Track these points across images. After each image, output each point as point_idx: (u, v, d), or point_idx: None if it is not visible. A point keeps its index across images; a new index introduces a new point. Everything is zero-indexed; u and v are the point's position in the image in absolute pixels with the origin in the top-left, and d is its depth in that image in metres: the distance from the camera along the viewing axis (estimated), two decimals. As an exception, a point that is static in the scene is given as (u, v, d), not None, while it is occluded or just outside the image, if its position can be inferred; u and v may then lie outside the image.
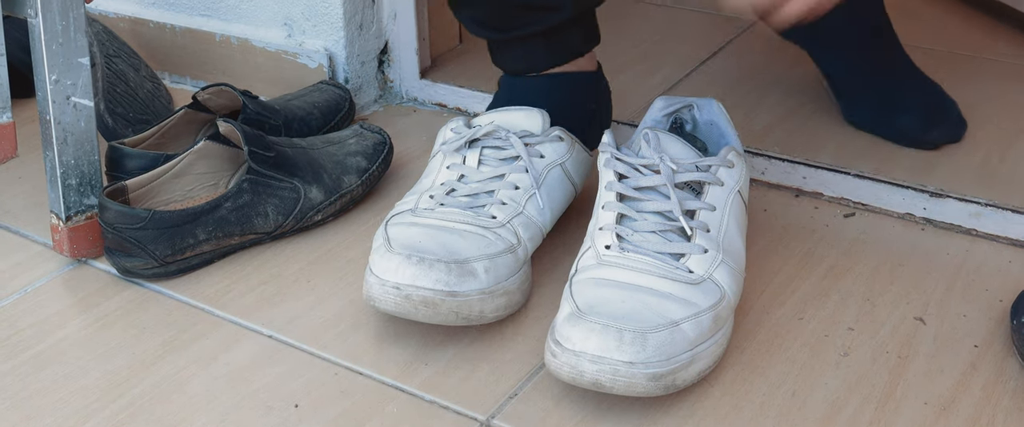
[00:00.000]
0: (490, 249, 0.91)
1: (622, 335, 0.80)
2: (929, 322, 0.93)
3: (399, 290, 0.87)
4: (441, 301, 0.87)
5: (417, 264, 0.87)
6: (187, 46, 1.42)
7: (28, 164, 1.20)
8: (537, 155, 1.00)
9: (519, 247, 0.94)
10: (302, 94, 1.26)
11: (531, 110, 1.03)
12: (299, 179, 1.06)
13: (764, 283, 0.99)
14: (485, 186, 0.96)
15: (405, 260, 0.87)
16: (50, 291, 1.01)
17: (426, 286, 0.87)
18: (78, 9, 0.99)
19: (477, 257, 0.90)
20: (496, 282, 0.90)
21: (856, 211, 1.10)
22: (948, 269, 1.01)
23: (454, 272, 0.88)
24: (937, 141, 1.18)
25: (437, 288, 0.87)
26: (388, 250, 0.89)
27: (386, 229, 0.93)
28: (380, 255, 0.89)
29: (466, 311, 0.88)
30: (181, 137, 1.16)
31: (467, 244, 0.91)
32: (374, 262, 0.90)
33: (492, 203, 0.95)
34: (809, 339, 0.91)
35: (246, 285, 1.00)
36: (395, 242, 0.90)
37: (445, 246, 0.90)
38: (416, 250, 0.88)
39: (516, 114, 1.02)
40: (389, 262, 0.88)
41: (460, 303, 0.88)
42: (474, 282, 0.89)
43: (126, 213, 0.98)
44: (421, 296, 0.87)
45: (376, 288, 0.88)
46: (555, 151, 1.01)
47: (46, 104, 0.99)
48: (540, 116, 1.02)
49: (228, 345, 0.93)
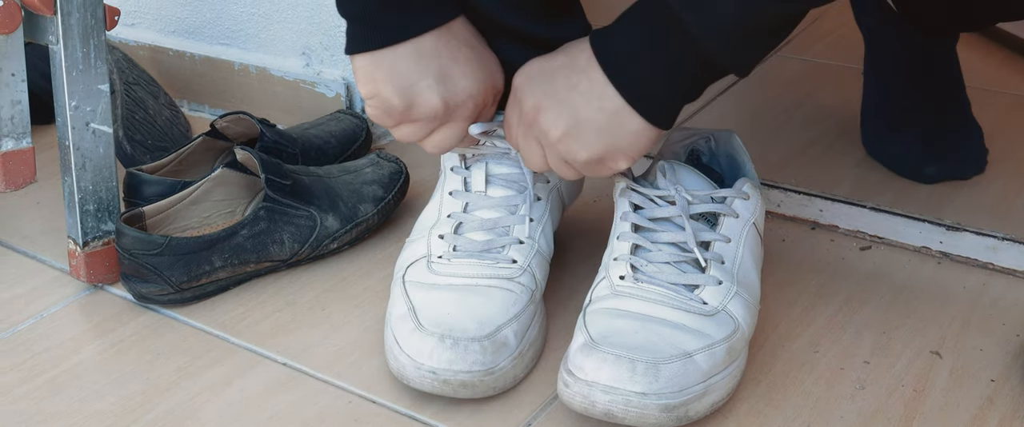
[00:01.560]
0: (516, 306, 0.90)
1: (635, 365, 0.80)
2: (945, 356, 0.93)
3: (436, 374, 0.85)
4: (479, 382, 0.86)
5: (452, 348, 0.85)
6: (206, 74, 1.43)
7: (46, 190, 1.21)
8: (543, 180, 0.99)
9: (537, 291, 0.94)
10: (319, 123, 1.27)
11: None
12: (315, 207, 1.06)
13: (779, 315, 0.98)
14: (499, 222, 0.95)
15: (439, 343, 0.85)
16: (66, 316, 1.01)
17: (463, 369, 0.85)
18: (99, 36, 1.00)
19: (506, 321, 0.89)
20: (523, 340, 0.90)
21: (872, 244, 1.10)
22: (965, 303, 1.00)
23: (488, 350, 0.86)
24: (935, 177, 1.17)
25: (474, 370, 0.86)
26: (417, 327, 0.87)
27: (406, 290, 0.91)
28: (409, 332, 0.87)
29: (502, 383, 0.88)
30: (199, 164, 1.17)
31: (495, 307, 0.89)
32: (403, 337, 0.87)
33: (509, 244, 0.94)
34: (824, 372, 0.91)
35: (261, 312, 1.01)
36: (423, 316, 0.88)
37: (473, 315, 0.88)
38: (448, 329, 0.86)
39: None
40: (422, 344, 0.86)
41: (497, 378, 0.87)
42: (507, 351, 0.88)
43: (143, 239, 0.98)
44: (459, 380, 0.86)
45: (411, 370, 0.86)
46: (554, 177, 1.00)
47: (65, 130, 1.00)
48: None
49: (243, 372, 0.93)
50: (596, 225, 1.10)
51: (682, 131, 1.03)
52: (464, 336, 0.86)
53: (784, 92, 1.44)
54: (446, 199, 0.97)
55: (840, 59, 1.53)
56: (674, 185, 0.91)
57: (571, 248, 1.09)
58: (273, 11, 1.35)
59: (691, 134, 1.03)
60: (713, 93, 1.42)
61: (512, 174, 0.97)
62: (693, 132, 1.03)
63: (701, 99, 0.87)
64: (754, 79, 1.49)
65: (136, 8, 1.48)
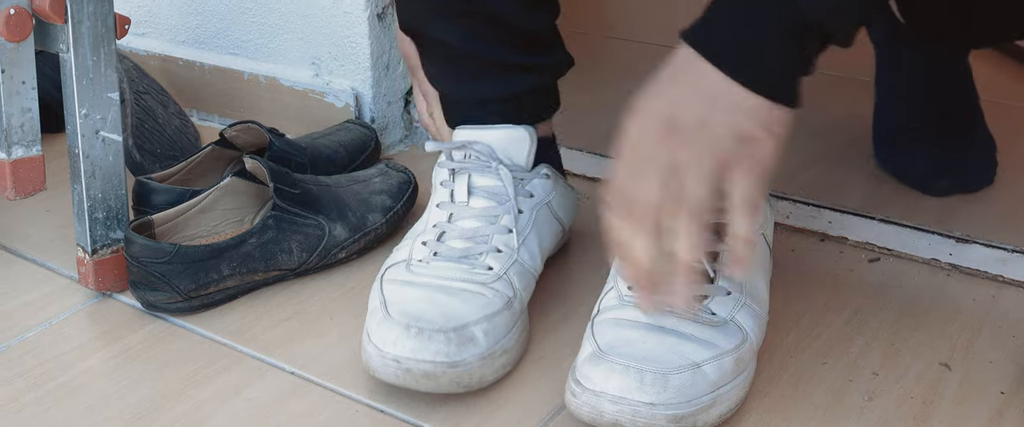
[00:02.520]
0: (488, 308, 0.90)
1: (643, 376, 0.79)
2: (955, 368, 0.92)
3: (399, 363, 0.85)
4: (442, 373, 0.86)
5: (416, 336, 0.85)
6: (215, 84, 1.43)
7: (56, 198, 1.21)
8: (526, 194, 0.99)
9: (515, 300, 0.93)
10: (328, 133, 1.27)
11: (516, 128, 0.99)
12: (324, 216, 1.06)
13: (788, 327, 0.98)
14: (478, 231, 0.95)
15: (404, 331, 0.86)
16: (75, 323, 1.01)
17: (426, 358, 0.85)
18: (109, 45, 1.00)
19: (476, 320, 0.88)
20: (495, 343, 0.89)
21: (881, 256, 1.10)
22: (974, 315, 1.00)
23: (453, 341, 0.86)
24: (946, 190, 1.17)
25: (437, 360, 0.85)
26: (386, 317, 0.87)
27: (382, 287, 0.92)
28: (378, 322, 0.88)
29: (466, 379, 0.87)
30: (208, 173, 1.17)
31: (465, 306, 0.89)
32: (372, 328, 0.88)
33: (486, 251, 0.94)
34: (833, 383, 0.91)
35: (269, 321, 1.01)
36: (392, 307, 0.88)
37: (442, 311, 0.88)
38: (414, 319, 0.87)
39: (499, 132, 0.99)
40: (388, 332, 0.86)
41: (460, 373, 0.87)
42: (473, 348, 0.87)
43: (152, 247, 0.98)
44: (422, 370, 0.85)
45: (376, 359, 0.86)
46: (543, 188, 1.00)
47: (75, 138, 1.00)
48: (526, 135, 0.99)
49: (250, 380, 0.93)
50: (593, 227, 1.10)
51: None
52: (429, 326, 0.86)
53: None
54: (433, 210, 0.98)
55: (850, 71, 1.52)
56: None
57: (578, 259, 1.09)
58: (283, 21, 1.36)
59: None
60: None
61: (494, 186, 0.97)
62: None
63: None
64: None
65: (146, 18, 1.48)
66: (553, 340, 0.96)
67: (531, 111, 1.02)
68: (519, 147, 0.99)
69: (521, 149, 0.99)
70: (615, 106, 1.44)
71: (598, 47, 1.68)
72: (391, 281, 0.93)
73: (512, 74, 1.00)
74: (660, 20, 1.80)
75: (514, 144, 0.99)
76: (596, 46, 1.68)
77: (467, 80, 1.01)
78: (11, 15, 0.96)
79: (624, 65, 1.61)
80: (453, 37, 0.98)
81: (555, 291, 1.03)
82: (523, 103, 1.01)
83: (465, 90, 1.01)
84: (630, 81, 1.36)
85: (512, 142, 0.99)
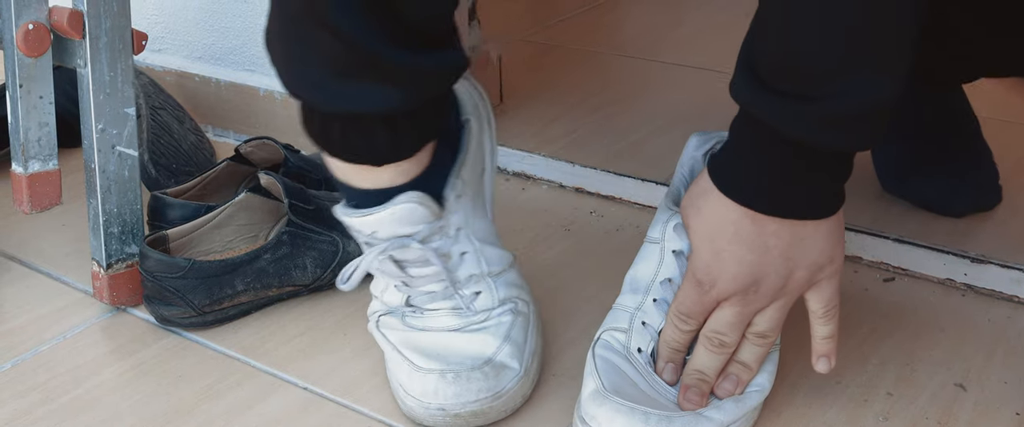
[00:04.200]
0: (501, 330, 0.90)
1: (648, 417, 0.79)
2: (970, 389, 0.92)
3: (445, 410, 0.85)
4: (489, 408, 0.86)
5: (454, 381, 0.85)
6: (231, 100, 1.44)
7: (71, 212, 1.21)
8: (453, 231, 0.89)
9: (518, 304, 0.92)
10: (343, 149, 1.27)
11: (399, 205, 0.84)
12: (338, 232, 1.06)
13: (802, 346, 0.97)
14: (444, 293, 0.89)
15: (440, 378, 0.85)
16: (88, 337, 1.01)
17: (470, 399, 0.85)
18: (126, 61, 1.01)
19: (499, 346, 0.88)
20: (522, 355, 0.89)
21: (895, 276, 1.09)
22: (989, 335, 0.99)
23: (490, 375, 0.86)
24: (963, 212, 1.17)
25: (482, 397, 0.85)
26: (415, 369, 0.86)
27: (387, 338, 0.90)
28: (408, 374, 0.87)
29: (511, 404, 0.88)
30: (223, 189, 1.18)
31: (483, 340, 0.89)
32: (404, 381, 0.87)
33: (468, 303, 0.90)
34: (847, 403, 0.90)
35: (282, 336, 1.01)
36: (416, 358, 0.87)
37: (466, 349, 0.88)
38: (446, 363, 0.86)
39: (390, 215, 0.84)
40: (424, 383, 0.85)
41: (505, 401, 0.87)
42: (509, 372, 0.88)
43: (166, 262, 0.99)
44: (469, 411, 0.85)
45: (420, 411, 0.86)
46: (462, 207, 0.89)
47: (92, 152, 1.01)
48: (416, 205, 0.84)
49: (263, 396, 0.93)
50: (609, 246, 1.10)
51: (699, 136, 1.00)
52: (462, 366, 0.86)
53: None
54: (381, 278, 0.92)
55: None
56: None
57: (592, 275, 1.09)
58: (299, 38, 1.36)
59: (709, 138, 1.00)
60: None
61: (421, 256, 0.87)
62: (711, 136, 1.00)
63: (725, 128, 0.86)
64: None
65: (163, 34, 1.49)
66: (569, 358, 0.96)
67: (418, 134, 0.85)
68: (416, 216, 0.85)
69: (420, 214, 0.85)
70: (627, 125, 1.45)
71: (609, 66, 1.69)
72: (393, 330, 0.91)
73: (402, 80, 0.79)
74: (671, 40, 1.80)
75: (408, 217, 0.85)
76: (607, 65, 1.69)
77: (351, 83, 0.79)
78: (30, 31, 0.97)
79: (636, 85, 1.61)
80: (344, 25, 0.75)
81: (568, 309, 1.03)
82: (397, 127, 0.83)
83: (345, 99, 0.79)
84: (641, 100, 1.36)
85: (406, 219, 0.85)
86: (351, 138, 0.83)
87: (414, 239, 0.86)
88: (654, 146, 1.36)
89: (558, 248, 1.15)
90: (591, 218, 1.22)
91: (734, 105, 0.84)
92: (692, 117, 1.44)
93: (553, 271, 1.10)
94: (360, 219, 0.85)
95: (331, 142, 0.84)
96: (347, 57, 0.77)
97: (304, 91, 0.81)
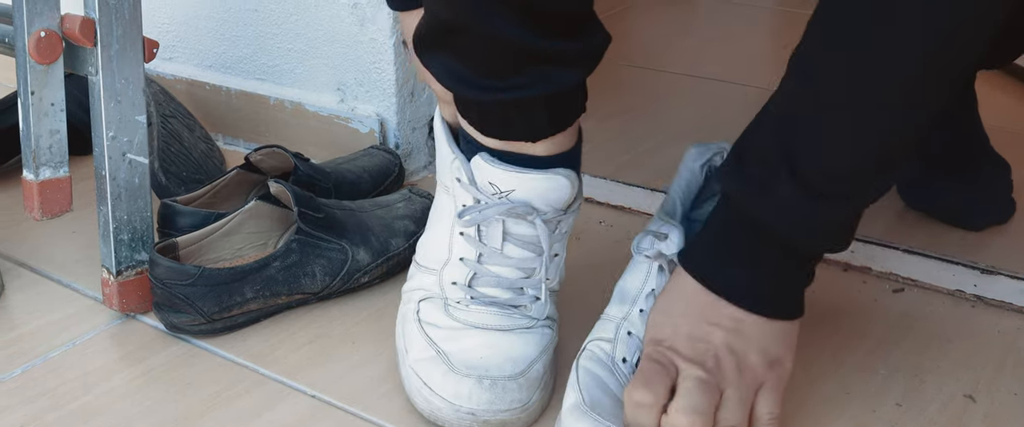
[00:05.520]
0: (543, 341, 0.91)
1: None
2: (979, 400, 0.92)
3: (475, 416, 0.85)
4: (516, 418, 0.87)
5: (490, 389, 0.85)
6: (242, 109, 1.44)
7: (82, 219, 1.22)
8: (560, 236, 0.93)
9: (554, 324, 0.94)
10: (353, 158, 1.28)
11: (556, 175, 0.88)
12: (347, 241, 1.06)
13: (811, 357, 0.98)
14: (515, 283, 0.92)
15: (477, 384, 0.85)
16: (98, 344, 1.01)
17: (503, 408, 0.86)
18: (137, 69, 1.01)
19: (537, 356, 0.89)
20: (549, 369, 0.91)
21: (905, 286, 1.09)
22: (999, 347, 0.99)
23: (524, 387, 0.87)
24: (981, 225, 1.16)
25: (513, 408, 0.86)
26: (452, 370, 0.87)
27: (426, 333, 0.90)
28: (443, 374, 0.87)
29: (535, 416, 0.89)
30: (232, 197, 1.18)
31: (525, 346, 0.90)
32: (436, 382, 0.87)
33: (528, 302, 0.92)
34: (856, 414, 0.90)
35: (292, 344, 1.01)
36: (454, 357, 0.88)
37: (507, 355, 0.88)
38: (483, 370, 0.86)
39: (538, 181, 0.88)
40: (459, 386, 0.86)
41: (531, 412, 0.88)
42: (537, 384, 0.89)
43: (176, 269, 0.99)
44: (499, 420, 0.86)
45: (448, 412, 0.86)
46: (572, 219, 0.94)
47: (102, 160, 1.01)
48: (567, 184, 0.88)
49: (272, 403, 0.93)
50: (617, 255, 1.10)
51: (698, 147, 1.00)
52: (501, 376, 0.86)
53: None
54: (457, 239, 0.92)
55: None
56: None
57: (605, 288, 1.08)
58: (309, 47, 1.36)
59: (708, 149, 1.01)
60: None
61: (529, 236, 0.91)
62: (710, 147, 1.00)
63: (730, 124, 0.87)
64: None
65: (175, 42, 1.50)
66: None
67: (564, 113, 0.89)
68: (558, 195, 0.89)
69: (560, 196, 0.89)
70: (636, 136, 1.45)
71: (618, 76, 1.69)
72: (433, 326, 0.91)
73: (558, 62, 0.85)
74: (679, 49, 1.80)
75: (553, 193, 0.89)
76: (616, 75, 1.69)
77: (506, 77, 0.84)
78: (42, 38, 0.97)
79: (644, 94, 1.61)
80: (498, 27, 0.81)
81: (577, 319, 1.03)
82: (555, 104, 0.87)
83: (502, 90, 0.85)
84: (650, 110, 1.36)
85: (551, 190, 0.88)
86: (510, 118, 0.86)
87: (541, 216, 0.89)
88: (663, 156, 1.36)
89: (567, 257, 1.15)
90: (600, 228, 1.22)
91: (742, 115, 0.84)
92: (701, 127, 1.45)
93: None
94: (507, 173, 0.87)
95: (488, 125, 0.88)
96: (503, 54, 0.82)
97: (463, 89, 0.86)
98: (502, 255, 0.91)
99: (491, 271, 0.92)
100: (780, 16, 2.15)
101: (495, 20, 0.80)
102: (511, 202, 0.88)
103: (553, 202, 0.89)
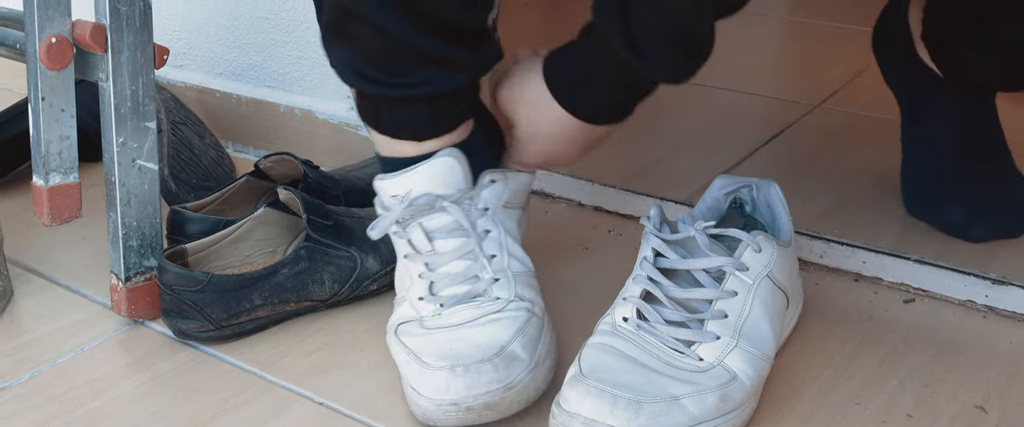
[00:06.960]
0: (515, 324, 0.91)
1: (616, 401, 0.80)
2: (990, 411, 0.91)
3: (457, 405, 0.85)
4: (501, 399, 0.86)
5: (464, 374, 0.85)
6: (251, 116, 1.44)
7: (91, 225, 1.22)
8: (481, 212, 0.95)
9: (533, 306, 0.94)
10: (362, 165, 1.28)
11: (439, 160, 0.92)
12: (356, 248, 1.06)
13: (821, 367, 0.97)
14: (466, 272, 0.93)
15: (450, 373, 0.85)
16: (106, 350, 1.01)
17: (482, 391, 0.85)
18: (147, 75, 1.01)
19: (510, 338, 0.89)
20: (535, 351, 0.90)
21: (916, 297, 1.09)
22: (1010, 357, 0.99)
23: (500, 366, 0.86)
24: (984, 237, 1.16)
25: (492, 389, 0.86)
26: (424, 366, 0.87)
27: (402, 342, 0.91)
28: (418, 373, 0.87)
29: (524, 395, 0.88)
30: (242, 204, 1.18)
31: (495, 332, 0.90)
32: (414, 381, 0.87)
33: (486, 287, 0.93)
34: (867, 424, 0.90)
35: (300, 351, 1.01)
36: (425, 356, 0.88)
37: (476, 343, 0.88)
38: (454, 359, 0.86)
39: (424, 171, 0.93)
40: (434, 380, 0.86)
41: (517, 392, 0.87)
42: (519, 364, 0.88)
43: (185, 275, 0.99)
44: (482, 402, 0.85)
45: (433, 409, 0.86)
46: (494, 195, 0.96)
47: (112, 166, 1.01)
48: (453, 161, 0.93)
49: (280, 410, 0.93)
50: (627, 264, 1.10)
51: (725, 179, 1.03)
52: (472, 360, 0.86)
53: (828, 144, 1.44)
54: (405, 264, 0.96)
55: (882, 112, 1.52)
56: (688, 229, 0.91)
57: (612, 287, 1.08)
58: (320, 55, 1.36)
59: (734, 182, 1.03)
60: (756, 144, 1.41)
61: (449, 223, 0.94)
62: (737, 180, 1.03)
63: (743, 150, 0.87)
64: (797, 131, 1.48)
65: (185, 49, 1.50)
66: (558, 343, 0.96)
67: (447, 116, 0.94)
68: (451, 176, 0.93)
69: (455, 175, 0.93)
70: (645, 145, 1.45)
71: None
72: (409, 335, 0.92)
73: (443, 68, 0.91)
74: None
75: (444, 175, 0.93)
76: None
77: (395, 74, 0.90)
78: (52, 44, 0.98)
79: (654, 103, 1.61)
80: (391, 23, 0.87)
81: (585, 327, 1.02)
82: (439, 106, 0.93)
83: (391, 86, 0.91)
84: (660, 119, 1.36)
85: (441, 174, 0.93)
86: (397, 116, 0.93)
87: (446, 199, 0.93)
88: (672, 166, 1.36)
89: (576, 266, 1.15)
90: (609, 237, 1.22)
91: (752, 125, 0.85)
92: (710, 137, 1.44)
93: (570, 289, 1.10)
94: (395, 180, 0.93)
95: (380, 120, 0.95)
96: (393, 50, 0.89)
97: (356, 81, 0.93)
98: (437, 254, 0.94)
99: (441, 272, 0.94)
100: (791, 26, 2.14)
101: (390, 16, 0.86)
102: (409, 200, 0.93)
103: (453, 183, 0.93)
